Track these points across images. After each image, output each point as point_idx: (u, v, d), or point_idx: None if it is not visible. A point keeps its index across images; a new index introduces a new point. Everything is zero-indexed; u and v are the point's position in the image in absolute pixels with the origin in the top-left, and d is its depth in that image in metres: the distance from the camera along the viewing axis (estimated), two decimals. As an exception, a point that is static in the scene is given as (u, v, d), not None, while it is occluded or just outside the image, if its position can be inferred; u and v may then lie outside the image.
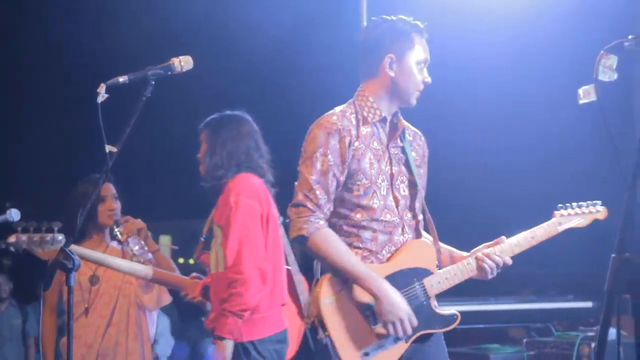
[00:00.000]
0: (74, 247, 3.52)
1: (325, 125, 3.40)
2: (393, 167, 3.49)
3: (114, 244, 4.64)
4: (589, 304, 6.86)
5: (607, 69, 2.62)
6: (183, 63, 3.36)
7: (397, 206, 3.47)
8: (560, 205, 3.69)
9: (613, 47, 2.64)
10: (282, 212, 4.00)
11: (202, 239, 4.38)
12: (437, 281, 3.46)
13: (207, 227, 4.27)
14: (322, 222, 3.35)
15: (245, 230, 3.94)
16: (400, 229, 3.46)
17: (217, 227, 4.08)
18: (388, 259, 3.42)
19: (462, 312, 5.21)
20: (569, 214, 3.69)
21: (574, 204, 3.70)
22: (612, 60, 2.60)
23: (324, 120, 3.43)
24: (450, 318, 3.50)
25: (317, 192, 3.35)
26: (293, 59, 8.69)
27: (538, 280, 8.27)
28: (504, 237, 3.58)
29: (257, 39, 8.52)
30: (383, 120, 3.51)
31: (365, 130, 3.45)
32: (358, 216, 3.42)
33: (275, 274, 4.09)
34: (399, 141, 3.54)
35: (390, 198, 3.46)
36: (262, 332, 4.02)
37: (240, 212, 3.96)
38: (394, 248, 3.44)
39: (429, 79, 3.52)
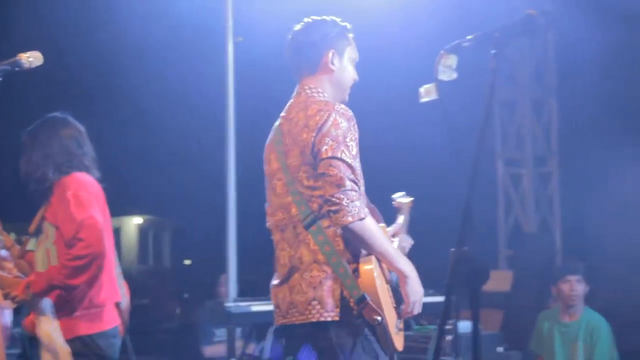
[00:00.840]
0: None
1: (343, 112, 3.51)
2: None
3: None
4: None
5: (447, 69, 2.70)
6: (32, 59, 3.31)
7: None
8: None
9: (452, 47, 2.73)
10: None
11: (27, 237, 4.37)
12: None
13: (34, 226, 4.27)
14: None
15: (87, 215, 4.01)
16: None
17: (49, 226, 4.12)
18: None
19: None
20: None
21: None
22: (452, 60, 2.68)
23: (338, 107, 3.53)
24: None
25: (359, 177, 3.49)
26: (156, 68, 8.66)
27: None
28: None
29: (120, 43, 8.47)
30: None
31: None
32: None
33: (110, 270, 4.18)
34: None
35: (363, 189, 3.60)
36: (100, 326, 4.10)
37: (78, 203, 4.03)
38: None
39: (357, 77, 3.74)
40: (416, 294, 3.54)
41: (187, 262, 20.89)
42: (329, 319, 3.45)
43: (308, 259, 3.51)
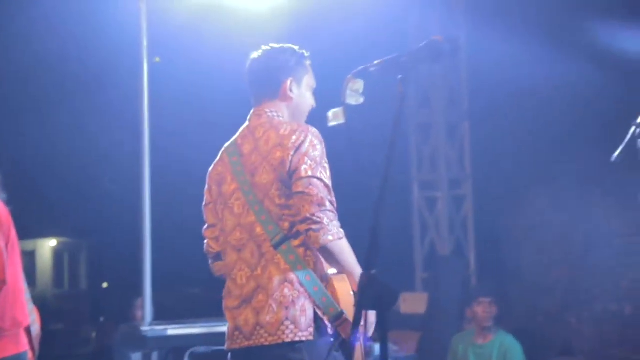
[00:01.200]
0: None
1: (317, 135, 3.56)
2: None
3: None
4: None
5: (354, 93, 2.73)
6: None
7: None
8: None
9: (359, 72, 2.76)
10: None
11: None
12: None
13: None
14: None
15: None
16: None
17: None
18: None
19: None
20: None
21: None
22: (359, 85, 2.72)
23: (312, 129, 3.57)
24: None
25: (334, 199, 3.51)
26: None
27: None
28: None
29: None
30: None
31: None
32: None
33: (18, 293, 4.09)
34: None
35: None
36: (5, 350, 4.01)
37: None
38: None
39: (314, 104, 3.79)
40: (374, 315, 3.48)
41: (105, 285, 20.59)
42: (304, 338, 3.44)
43: (278, 278, 3.50)
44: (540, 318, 9.12)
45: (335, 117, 2.91)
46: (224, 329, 3.72)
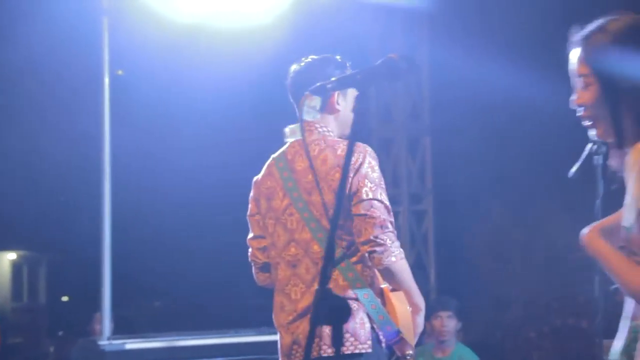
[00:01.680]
0: None
1: (375, 155, 3.67)
2: None
3: None
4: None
5: (312, 109, 2.75)
6: None
7: None
8: None
9: (316, 89, 2.79)
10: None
11: None
12: None
13: None
14: None
15: None
16: None
17: None
18: None
19: (201, 346, 5.24)
20: None
21: None
22: (316, 101, 2.74)
23: (369, 149, 3.65)
24: None
25: (393, 219, 3.63)
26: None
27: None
28: None
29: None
30: None
31: None
32: None
33: None
34: None
35: None
36: None
37: None
38: None
39: None
40: (421, 326, 3.71)
41: (64, 298, 20.41)
42: (363, 351, 3.53)
43: (337, 293, 3.49)
44: (500, 332, 9.18)
45: (292, 133, 2.93)
46: (183, 342, 3.73)
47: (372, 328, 3.57)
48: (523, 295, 9.20)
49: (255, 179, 3.89)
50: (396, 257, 3.55)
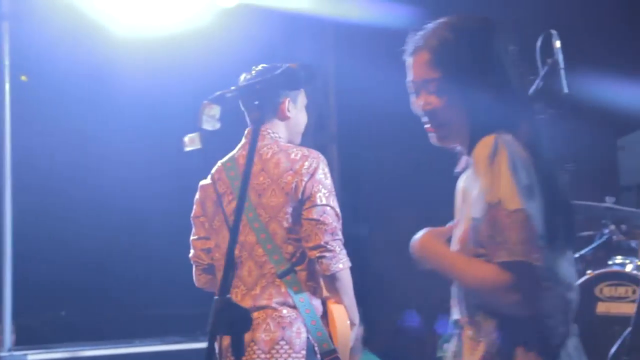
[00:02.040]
0: None
1: (326, 162, 3.76)
2: None
3: None
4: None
5: (211, 118, 2.75)
6: None
7: None
8: None
9: (215, 98, 2.78)
10: None
11: None
12: None
13: None
14: None
15: None
16: None
17: None
18: None
19: (105, 356, 5.17)
20: None
21: None
22: (215, 110, 2.74)
23: (322, 156, 3.74)
24: None
25: (341, 227, 3.66)
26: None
27: (185, 321, 8.39)
28: None
29: None
30: None
31: None
32: None
33: None
34: None
35: None
36: None
37: None
38: None
39: (307, 120, 4.09)
40: (354, 341, 3.75)
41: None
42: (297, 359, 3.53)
43: (278, 300, 3.58)
44: (406, 339, 9.26)
45: (191, 142, 2.93)
46: (87, 353, 3.71)
47: (308, 338, 3.58)
48: (430, 301, 9.32)
49: (201, 183, 3.92)
50: (343, 265, 3.58)
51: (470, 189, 2.50)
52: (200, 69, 6.97)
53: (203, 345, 7.21)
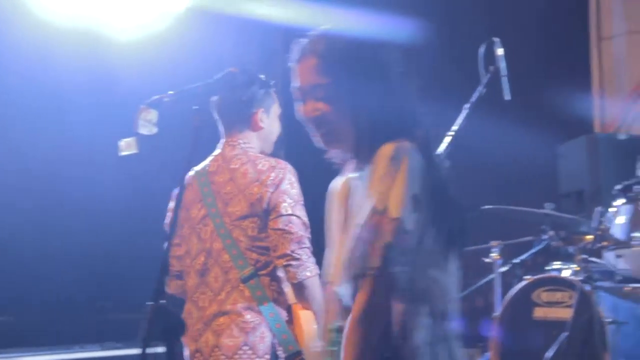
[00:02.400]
0: None
1: (294, 173, 3.71)
2: None
3: None
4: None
5: (148, 123, 2.73)
6: None
7: None
8: None
9: (153, 102, 2.77)
10: None
11: None
12: None
13: None
14: None
15: None
16: None
17: None
18: None
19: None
20: None
21: None
22: (153, 115, 2.72)
23: (289, 166, 3.69)
24: None
25: (310, 235, 3.63)
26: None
27: (128, 326, 8.31)
28: None
29: None
30: None
31: None
32: None
33: None
34: None
35: None
36: None
37: None
38: None
39: (281, 131, 4.05)
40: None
41: None
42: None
43: (242, 305, 3.59)
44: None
45: (127, 146, 2.91)
46: (33, 359, 3.68)
47: (273, 343, 3.60)
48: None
49: (174, 191, 3.91)
50: (311, 272, 3.59)
51: (360, 195, 2.49)
52: (152, 75, 6.93)
53: (152, 351, 7.13)
